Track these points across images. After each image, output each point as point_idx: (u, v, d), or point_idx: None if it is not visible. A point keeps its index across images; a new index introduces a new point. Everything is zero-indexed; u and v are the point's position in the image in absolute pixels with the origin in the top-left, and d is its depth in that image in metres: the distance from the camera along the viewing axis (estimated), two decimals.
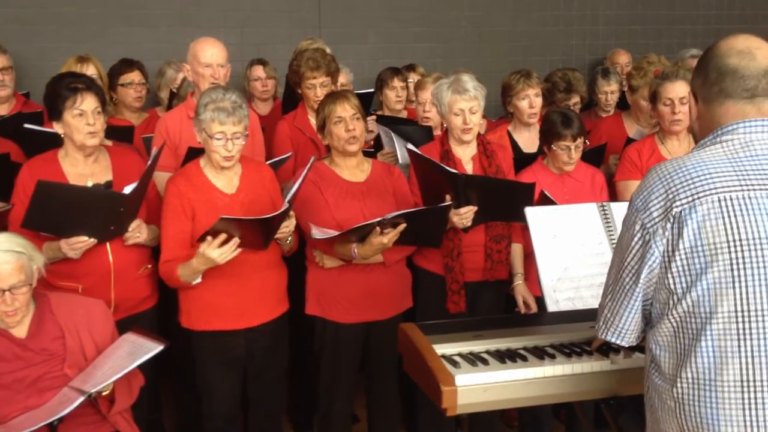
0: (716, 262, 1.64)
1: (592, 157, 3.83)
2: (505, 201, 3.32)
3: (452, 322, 3.01)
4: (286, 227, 3.04)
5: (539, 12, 6.29)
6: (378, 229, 3.05)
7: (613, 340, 1.86)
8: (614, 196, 3.71)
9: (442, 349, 2.35)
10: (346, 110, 3.27)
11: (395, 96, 4.69)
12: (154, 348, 2.65)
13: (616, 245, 1.85)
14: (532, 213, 2.78)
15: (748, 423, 1.63)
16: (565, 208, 2.88)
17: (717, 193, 1.64)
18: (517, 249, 3.53)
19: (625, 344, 1.86)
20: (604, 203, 2.83)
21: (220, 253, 2.85)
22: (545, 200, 3.31)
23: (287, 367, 3.47)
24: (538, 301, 3.36)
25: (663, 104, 3.64)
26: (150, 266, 3.28)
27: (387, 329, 3.30)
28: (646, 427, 1.86)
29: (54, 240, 3.00)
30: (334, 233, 3.11)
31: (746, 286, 1.63)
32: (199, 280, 3.04)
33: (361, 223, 3.08)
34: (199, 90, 3.62)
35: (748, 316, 1.63)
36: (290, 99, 4.39)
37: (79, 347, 2.73)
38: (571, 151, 3.50)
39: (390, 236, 3.06)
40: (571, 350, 2.37)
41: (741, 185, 1.65)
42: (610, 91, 4.78)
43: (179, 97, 4.22)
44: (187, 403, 3.77)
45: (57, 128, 3.09)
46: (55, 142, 3.16)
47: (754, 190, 1.64)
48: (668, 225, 1.67)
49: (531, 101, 4.03)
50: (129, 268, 3.17)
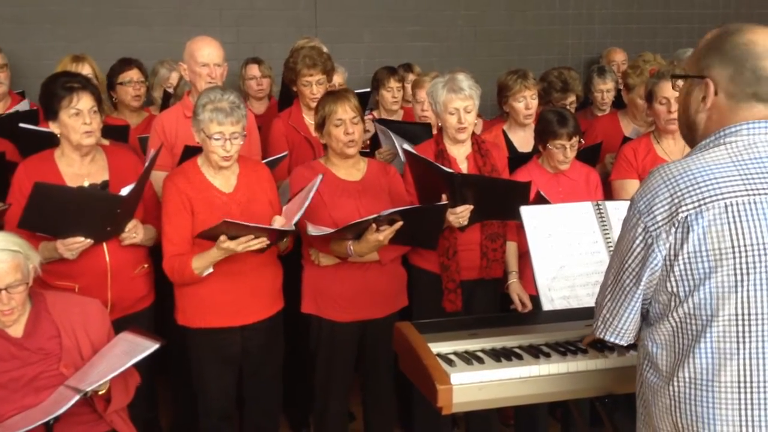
0: (720, 267, 1.63)
1: (587, 156, 3.84)
2: (501, 200, 3.33)
3: (448, 320, 3.01)
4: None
5: (535, 11, 6.31)
6: (374, 225, 3.06)
7: (611, 339, 1.86)
8: (609, 194, 3.72)
9: (437, 347, 2.35)
10: (346, 112, 3.25)
11: (391, 97, 4.69)
12: (150, 347, 2.65)
13: (615, 245, 1.84)
14: (527, 212, 2.77)
15: (744, 423, 1.63)
16: (561, 207, 2.87)
17: (723, 199, 1.63)
18: (511, 247, 3.54)
19: (623, 344, 1.86)
20: (600, 202, 2.83)
21: (237, 243, 2.90)
22: (540, 200, 3.32)
23: (283, 365, 3.47)
24: (533, 299, 3.37)
25: (659, 103, 3.63)
26: (146, 266, 3.29)
27: (382, 327, 3.31)
28: (637, 420, 1.86)
29: (50, 240, 3.00)
30: (329, 230, 3.12)
31: (748, 290, 1.63)
32: (210, 270, 3.06)
33: (357, 220, 3.09)
34: (196, 89, 3.62)
35: (749, 319, 1.63)
36: (286, 98, 4.39)
37: (75, 346, 2.73)
38: (567, 150, 3.51)
39: (386, 233, 3.06)
40: (566, 349, 2.37)
41: (746, 190, 1.64)
42: (606, 89, 4.78)
43: (176, 96, 4.21)
44: (183, 401, 3.77)
45: (53, 128, 3.08)
46: (50, 141, 3.16)
47: (758, 195, 1.64)
48: (672, 230, 1.66)
49: (527, 103, 4.01)
50: (125, 267, 3.17)
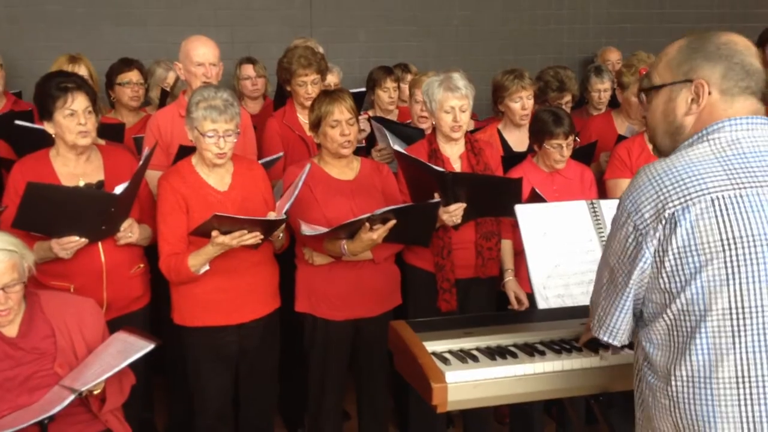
0: (711, 261, 1.63)
1: (582, 155, 3.84)
2: (493, 197, 3.33)
3: (443, 319, 3.01)
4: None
5: (530, 11, 6.31)
6: (367, 225, 3.06)
7: (605, 338, 1.86)
8: (603, 193, 3.72)
9: (432, 346, 2.35)
10: (343, 113, 3.25)
11: (388, 97, 4.68)
12: (145, 346, 2.65)
13: (606, 244, 1.84)
14: (522, 210, 2.77)
15: (744, 419, 1.63)
16: (555, 206, 2.88)
17: (709, 193, 1.64)
18: (506, 245, 3.55)
19: (616, 343, 1.86)
20: (594, 201, 2.84)
21: (231, 237, 2.90)
22: (536, 197, 3.32)
23: (278, 365, 3.47)
24: (528, 297, 3.38)
25: None
26: (142, 266, 3.28)
27: (376, 326, 3.32)
28: (635, 425, 1.86)
29: (45, 240, 2.99)
30: (323, 229, 3.12)
31: (740, 283, 1.63)
32: (207, 268, 3.06)
33: (351, 219, 3.09)
34: (192, 89, 3.61)
35: (743, 312, 1.63)
36: (281, 97, 4.39)
37: (70, 346, 2.73)
38: (563, 149, 3.51)
39: (379, 232, 3.07)
40: (561, 347, 2.38)
41: (732, 184, 1.65)
42: (603, 89, 4.77)
43: (173, 95, 4.21)
44: (179, 401, 3.77)
45: (48, 128, 3.07)
46: (46, 140, 3.15)
47: (744, 188, 1.65)
48: (659, 226, 1.66)
49: (524, 103, 4.00)
50: (121, 267, 3.17)
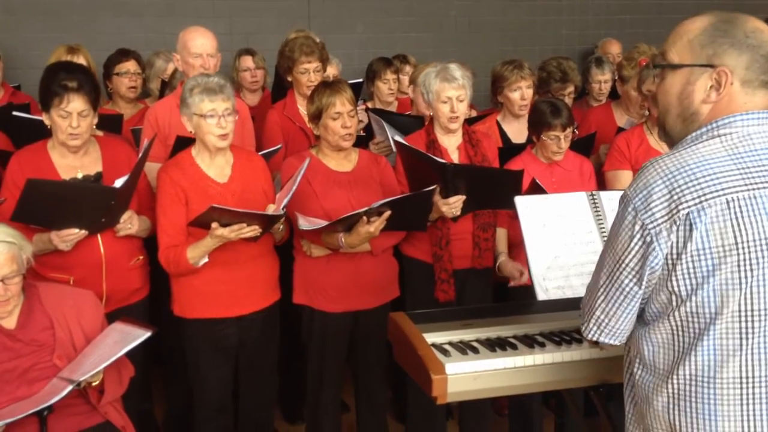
0: (724, 264, 1.60)
1: (581, 146, 3.84)
2: (493, 189, 3.33)
3: (442, 311, 3.01)
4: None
5: (529, 2, 6.30)
6: (365, 218, 3.06)
7: (606, 341, 1.81)
8: (602, 184, 3.72)
9: (432, 337, 2.34)
10: (344, 105, 3.24)
11: (387, 88, 4.67)
12: (141, 335, 2.65)
13: (606, 243, 1.78)
14: (521, 202, 2.77)
15: (746, 417, 1.62)
16: (555, 197, 2.87)
17: (724, 194, 1.60)
18: (501, 233, 3.54)
19: (617, 343, 1.82)
20: (594, 192, 2.83)
21: (231, 230, 2.90)
22: (536, 188, 3.31)
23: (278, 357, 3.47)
24: (527, 289, 3.37)
25: None
26: (141, 258, 3.28)
27: (374, 318, 3.32)
28: (625, 419, 1.84)
29: (44, 231, 2.98)
30: (321, 223, 3.11)
31: (751, 287, 1.60)
32: (206, 260, 3.05)
33: (348, 213, 3.08)
34: None
35: (751, 315, 1.61)
36: (279, 89, 4.37)
37: (69, 338, 2.73)
38: (561, 140, 3.51)
39: (376, 224, 3.07)
40: (560, 338, 2.38)
41: (746, 185, 1.61)
42: (603, 80, 4.77)
43: (171, 86, 4.20)
44: (178, 393, 3.77)
45: (45, 119, 3.07)
46: (44, 131, 3.14)
47: (758, 189, 1.61)
48: (674, 227, 1.61)
49: (523, 93, 4.00)
50: (120, 259, 3.16)
